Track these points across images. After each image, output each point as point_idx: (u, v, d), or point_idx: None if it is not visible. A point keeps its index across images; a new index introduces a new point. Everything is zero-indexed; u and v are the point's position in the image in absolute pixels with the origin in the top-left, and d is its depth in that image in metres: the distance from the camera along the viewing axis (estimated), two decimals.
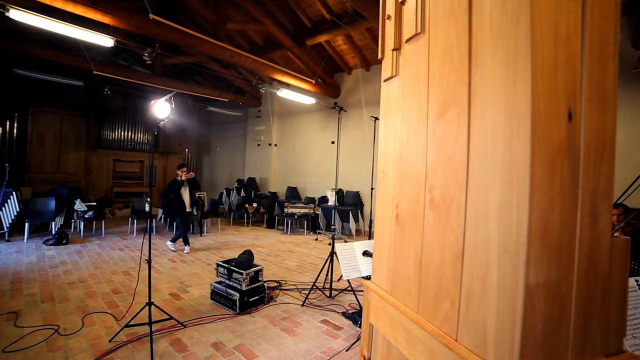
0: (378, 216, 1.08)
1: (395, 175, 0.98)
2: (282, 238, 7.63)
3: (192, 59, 8.02)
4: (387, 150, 1.05)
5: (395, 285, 0.95)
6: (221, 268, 3.69)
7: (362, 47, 7.76)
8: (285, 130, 10.41)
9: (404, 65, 0.97)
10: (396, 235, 0.96)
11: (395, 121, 1.01)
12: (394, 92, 1.03)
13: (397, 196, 0.96)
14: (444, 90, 0.79)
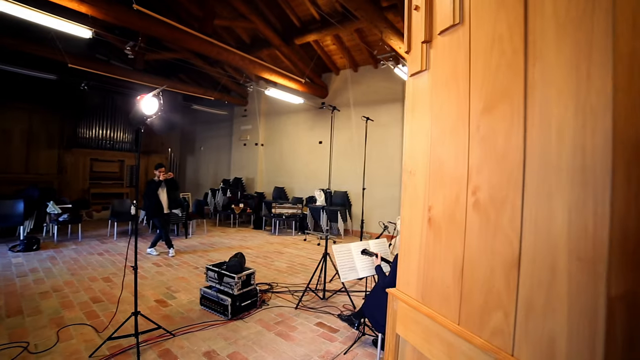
0: (404, 220, 1.01)
1: (426, 176, 0.92)
2: (270, 239, 7.49)
3: (176, 55, 7.75)
4: (415, 149, 0.99)
5: (428, 294, 0.89)
6: (211, 272, 3.54)
7: (351, 47, 7.74)
8: (272, 130, 10.26)
9: (435, 58, 0.91)
10: (428, 240, 0.90)
11: (424, 118, 0.95)
12: (422, 87, 0.96)
13: (430, 198, 0.90)
14: (490, 85, 0.73)
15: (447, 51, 0.87)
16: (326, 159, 9.08)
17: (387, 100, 8.07)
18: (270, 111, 10.27)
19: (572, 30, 0.58)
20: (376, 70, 8.21)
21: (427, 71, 0.94)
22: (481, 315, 0.72)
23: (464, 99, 0.80)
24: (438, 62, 0.90)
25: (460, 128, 0.81)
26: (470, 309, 0.75)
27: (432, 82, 0.92)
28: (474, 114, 0.77)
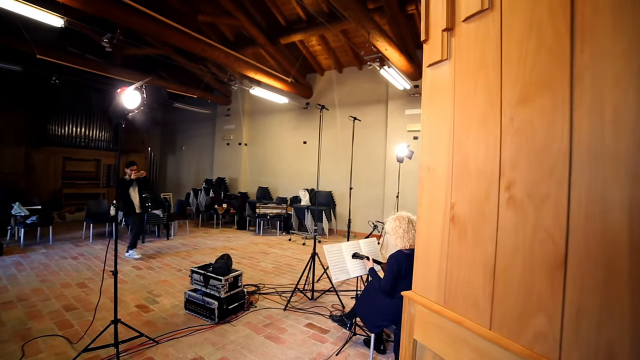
0: (422, 218, 0.95)
1: (447, 171, 0.86)
2: (255, 239, 7.32)
3: (157, 51, 7.42)
4: (434, 143, 0.92)
5: (452, 297, 0.83)
6: (196, 275, 3.37)
7: (336, 48, 7.70)
8: (256, 130, 10.06)
9: (459, 47, 0.85)
10: (452, 239, 0.84)
11: (444, 111, 0.89)
12: (442, 77, 0.90)
13: (453, 195, 0.84)
14: (527, 74, 0.68)
15: (473, 39, 0.81)
16: (311, 159, 9.00)
17: (372, 102, 8.09)
18: (255, 111, 10.07)
19: (635, 11, 0.53)
20: (361, 72, 8.22)
21: (448, 61, 0.89)
22: (519, 320, 0.67)
23: (494, 90, 0.74)
24: (462, 51, 0.84)
25: (490, 120, 0.75)
26: (505, 312, 0.69)
27: (453, 72, 0.86)
28: (506, 105, 0.72)
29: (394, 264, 2.28)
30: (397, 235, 2.37)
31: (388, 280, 2.31)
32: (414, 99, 7.24)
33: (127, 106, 2.31)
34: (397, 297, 2.30)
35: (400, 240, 2.36)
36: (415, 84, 7.10)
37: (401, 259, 2.29)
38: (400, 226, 2.37)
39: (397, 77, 6.02)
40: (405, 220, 2.38)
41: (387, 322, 2.30)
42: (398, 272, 2.27)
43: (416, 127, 7.24)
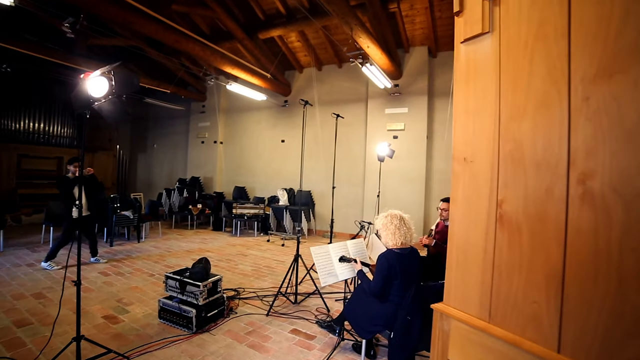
0: (456, 218, 0.81)
1: (492, 163, 0.72)
2: (232, 241, 7.00)
3: (126, 42, 6.88)
4: (471, 131, 0.78)
5: (500, 312, 0.69)
6: (171, 281, 3.08)
7: (316, 45, 7.53)
8: (233, 127, 9.68)
9: (506, 16, 0.71)
10: (500, 242, 0.70)
11: (486, 92, 0.75)
12: (482, 53, 0.76)
13: (501, 191, 0.70)
14: (610, 42, 0.55)
15: (528, 6, 0.67)
16: (289, 158, 8.78)
17: (351, 100, 8.01)
18: (231, 108, 9.69)
19: None
20: (340, 70, 8.12)
21: (490, 34, 0.75)
22: (606, 343, 0.53)
23: (558, 65, 0.61)
24: (511, 20, 0.70)
25: (553, 101, 0.62)
26: (582, 334, 0.56)
27: (499, 46, 0.72)
28: (578, 81, 0.59)
29: (384, 264, 2.15)
30: (387, 232, 2.24)
31: (378, 282, 2.17)
32: (393, 98, 7.23)
33: (93, 94, 2.01)
34: (390, 300, 2.18)
35: (391, 237, 2.23)
36: (396, 82, 7.09)
37: (392, 258, 2.16)
38: (391, 222, 2.24)
39: (379, 75, 5.96)
40: (397, 217, 2.26)
41: (380, 327, 2.17)
42: (388, 273, 2.14)
43: (396, 126, 7.24)
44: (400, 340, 1.93)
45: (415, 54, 7.02)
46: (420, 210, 6.93)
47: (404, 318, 1.93)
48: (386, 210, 2.41)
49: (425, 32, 6.53)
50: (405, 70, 7.12)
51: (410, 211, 6.99)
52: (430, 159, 7.10)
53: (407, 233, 2.23)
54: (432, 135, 7.12)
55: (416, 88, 7.03)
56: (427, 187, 7.05)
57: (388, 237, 2.23)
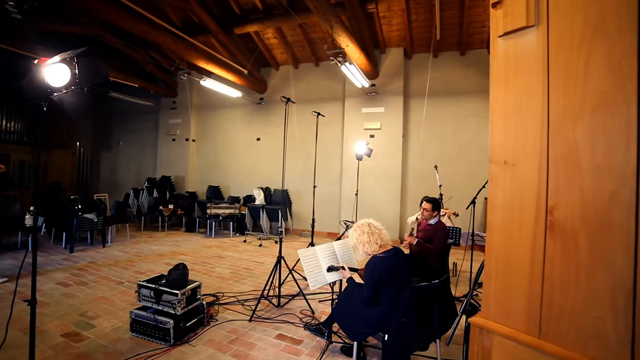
0: (495, 225, 0.72)
1: (539, 166, 0.64)
2: (207, 242, 6.68)
3: (86, 30, 6.28)
4: (512, 133, 0.70)
5: (553, 327, 0.61)
6: (145, 290, 2.82)
7: (293, 43, 7.35)
8: (205, 125, 9.25)
9: (556, 9, 0.63)
10: (551, 252, 0.62)
11: (530, 90, 0.67)
12: (525, 48, 0.68)
13: (551, 196, 0.62)
14: None
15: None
16: (265, 157, 8.55)
17: (328, 99, 7.92)
18: (204, 104, 9.25)
19: None
20: (317, 68, 8.00)
21: (535, 28, 0.67)
22: None
23: (624, 62, 0.53)
24: (561, 13, 0.62)
25: (618, 102, 0.54)
26: None
27: (547, 41, 0.64)
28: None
29: (373, 273, 2.08)
30: (363, 243, 2.18)
31: (370, 291, 2.10)
32: (370, 97, 7.23)
33: (51, 83, 1.74)
34: (383, 303, 2.11)
35: (368, 247, 2.17)
36: (372, 82, 7.10)
37: (379, 264, 2.10)
38: (362, 233, 2.18)
39: (357, 75, 5.92)
40: (365, 225, 2.21)
41: (374, 329, 2.09)
42: (379, 279, 2.07)
43: (372, 125, 7.25)
44: (396, 343, 1.87)
45: (391, 55, 7.07)
46: (396, 208, 7.01)
47: (400, 320, 1.86)
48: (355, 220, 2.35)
49: (402, 34, 6.58)
50: (382, 70, 7.15)
51: (386, 209, 7.08)
52: (405, 158, 7.19)
53: (380, 235, 2.18)
54: (407, 135, 7.21)
55: (392, 88, 7.08)
56: (403, 186, 7.14)
57: (366, 247, 2.18)
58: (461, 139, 6.76)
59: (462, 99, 6.73)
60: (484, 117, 6.58)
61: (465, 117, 6.72)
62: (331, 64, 7.65)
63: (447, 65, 6.77)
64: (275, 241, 7.06)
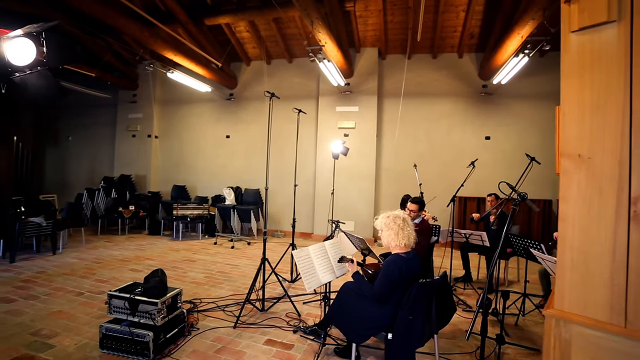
0: (567, 218, 0.70)
1: (621, 160, 0.63)
2: (174, 245, 6.26)
3: (31, 8, 5.54)
4: (587, 126, 0.68)
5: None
6: (117, 300, 2.52)
7: (267, 37, 7.14)
8: (170, 120, 8.68)
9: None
10: (636, 243, 0.60)
11: (609, 85, 0.65)
12: (604, 44, 0.66)
13: (634, 188, 0.61)
14: None
15: None
16: (235, 155, 8.23)
17: (302, 97, 7.82)
18: (168, 99, 8.67)
19: None
20: (291, 65, 7.87)
21: (617, 23, 0.65)
22: None
23: None
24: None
25: None
26: None
27: (632, 36, 0.63)
28: None
29: (394, 271, 2.03)
30: (390, 232, 2.12)
31: (385, 288, 2.03)
32: (344, 96, 7.25)
33: (14, 61, 1.45)
34: (390, 302, 2.07)
35: (394, 238, 2.12)
36: (347, 81, 7.12)
37: (402, 264, 2.05)
38: (394, 222, 2.13)
39: (334, 73, 5.90)
40: (400, 218, 2.17)
41: (376, 329, 2.05)
42: (399, 278, 2.03)
43: (347, 124, 7.27)
44: (402, 341, 1.84)
45: (366, 55, 7.14)
46: (370, 208, 7.09)
47: (406, 317, 1.84)
48: (385, 210, 2.30)
49: (377, 34, 6.68)
50: (356, 69, 7.20)
51: (360, 208, 7.14)
52: (379, 157, 7.30)
53: (410, 235, 2.13)
54: (381, 135, 7.33)
55: (366, 88, 7.16)
56: (376, 185, 7.25)
57: (391, 237, 2.11)
58: (433, 140, 7.02)
59: (435, 100, 6.99)
60: (455, 118, 6.90)
61: (437, 119, 6.99)
62: (308, 61, 7.56)
63: (420, 67, 6.99)
64: (248, 242, 6.82)
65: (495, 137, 6.72)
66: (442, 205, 4.43)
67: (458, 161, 6.82)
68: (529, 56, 4.52)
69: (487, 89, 6.66)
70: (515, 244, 3.35)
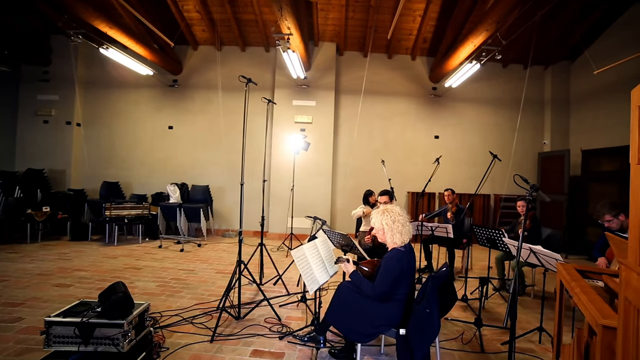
0: None
1: None
2: (109, 251, 5.33)
3: None
4: None
5: None
6: (61, 328, 1.94)
7: (219, 21, 6.52)
8: (97, 106, 7.38)
9: None
10: None
11: None
12: None
13: None
14: None
15: None
16: (180, 148, 7.41)
17: (255, 88, 7.34)
18: (95, 80, 7.35)
19: None
20: (244, 54, 7.36)
21: None
22: None
23: None
24: None
25: None
26: None
27: None
28: None
29: (395, 267, 1.94)
30: (394, 231, 2.03)
31: (387, 285, 1.94)
32: (301, 90, 7.04)
33: None
34: (396, 298, 1.99)
35: (398, 237, 2.04)
36: (305, 75, 6.92)
37: (402, 258, 1.98)
38: (397, 220, 2.05)
39: (297, 64, 5.65)
40: (402, 215, 2.09)
41: (387, 327, 1.94)
42: (400, 273, 1.95)
43: (304, 118, 7.08)
44: (420, 335, 1.77)
45: (324, 49, 7.05)
46: (327, 203, 7.04)
47: (423, 311, 1.77)
48: (381, 206, 2.20)
49: (337, 30, 6.62)
50: (314, 63, 7.06)
51: (317, 204, 7.04)
52: (336, 153, 7.29)
53: (410, 230, 2.09)
54: (337, 131, 7.32)
55: (324, 83, 7.07)
56: (333, 181, 7.23)
57: (395, 236, 2.03)
58: (388, 137, 7.27)
59: (389, 99, 7.23)
60: (408, 117, 7.23)
61: (391, 117, 7.25)
62: (263, 50, 7.16)
63: (376, 66, 7.15)
64: (199, 244, 6.19)
65: (443, 137, 7.25)
66: (398, 201, 4.58)
67: (411, 158, 7.20)
68: (481, 63, 4.92)
69: (437, 91, 7.14)
70: (479, 233, 3.59)
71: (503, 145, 7.10)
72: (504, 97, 7.20)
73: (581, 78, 6.77)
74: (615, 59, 5.13)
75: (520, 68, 7.18)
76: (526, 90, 6.58)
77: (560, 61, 6.99)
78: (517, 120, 6.74)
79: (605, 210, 2.53)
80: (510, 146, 6.87)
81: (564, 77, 7.09)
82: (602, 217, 2.55)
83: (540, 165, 7.02)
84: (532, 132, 7.20)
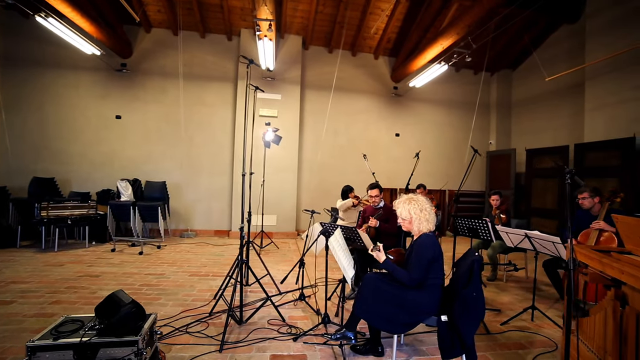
0: None
1: None
2: (50, 259, 4.43)
3: None
4: None
5: None
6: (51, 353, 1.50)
7: (179, 3, 5.84)
8: (23, 88, 6.05)
9: None
10: None
11: None
12: None
13: None
14: None
15: None
16: (130, 140, 6.53)
17: (216, 78, 6.84)
18: (21, 56, 5.99)
19: None
20: (203, 40, 6.74)
21: None
22: None
23: None
24: None
25: None
26: None
27: None
28: None
29: (429, 249, 1.95)
30: (422, 218, 2.04)
31: (421, 271, 1.94)
32: (267, 82, 6.70)
33: None
34: (432, 284, 1.97)
35: (425, 224, 2.05)
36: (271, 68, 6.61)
37: (435, 243, 2.00)
38: (424, 208, 2.05)
39: (269, 54, 5.34)
40: (428, 203, 2.10)
41: (428, 315, 1.92)
42: (432, 257, 1.95)
43: (269, 112, 6.77)
44: (467, 320, 1.79)
45: (290, 42, 6.81)
46: (293, 199, 6.85)
47: (470, 295, 1.79)
48: (403, 195, 2.17)
49: (304, 23, 6.45)
50: (280, 56, 6.78)
51: (284, 199, 6.85)
52: (301, 148, 7.12)
53: (434, 217, 2.11)
54: (302, 126, 7.16)
55: (290, 76, 6.85)
56: (299, 176, 7.05)
57: (422, 224, 2.04)
58: (352, 134, 7.34)
59: (353, 96, 7.30)
60: (371, 115, 7.40)
61: (355, 114, 7.34)
62: (224, 38, 6.63)
63: (341, 62, 7.12)
64: (158, 246, 5.52)
65: (404, 134, 7.60)
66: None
67: (374, 155, 7.39)
68: (449, 65, 5.23)
69: (398, 90, 7.44)
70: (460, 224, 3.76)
71: (455, 144, 7.71)
72: (456, 99, 7.80)
73: (520, 85, 7.67)
74: (553, 70, 5.89)
75: (471, 73, 7.86)
76: (475, 94, 7.23)
77: (503, 69, 7.79)
78: (466, 120, 7.38)
79: (586, 190, 2.90)
80: (462, 145, 7.50)
81: (507, 83, 7.92)
82: (582, 193, 2.93)
83: (489, 163, 7.78)
84: (480, 133, 7.93)
